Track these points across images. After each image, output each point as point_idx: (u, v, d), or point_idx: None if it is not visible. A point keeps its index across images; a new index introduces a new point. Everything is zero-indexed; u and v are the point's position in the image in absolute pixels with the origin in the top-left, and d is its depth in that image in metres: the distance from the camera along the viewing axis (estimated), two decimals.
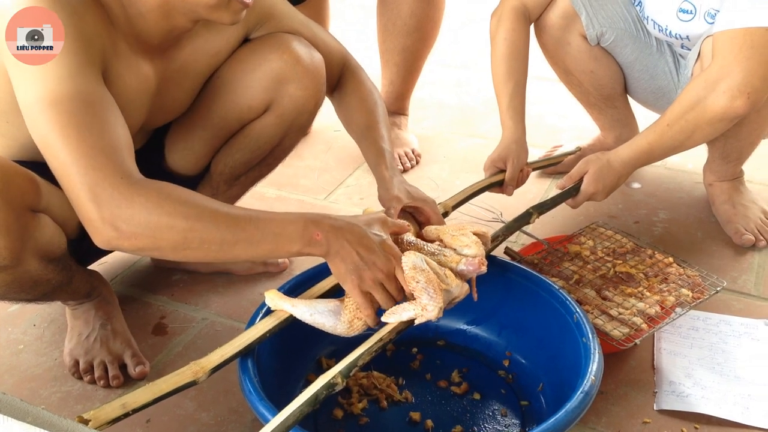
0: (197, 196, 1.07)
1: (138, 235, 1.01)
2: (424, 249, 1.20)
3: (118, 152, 1.03)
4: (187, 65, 1.31)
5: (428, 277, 1.11)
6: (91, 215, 1.01)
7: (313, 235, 1.08)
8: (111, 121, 1.05)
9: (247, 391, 1.09)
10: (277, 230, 1.06)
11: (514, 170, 1.64)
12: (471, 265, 1.16)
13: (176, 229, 1.02)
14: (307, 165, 2.14)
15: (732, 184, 1.81)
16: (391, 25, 2.03)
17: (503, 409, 1.28)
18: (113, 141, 1.03)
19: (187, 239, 1.03)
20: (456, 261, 1.17)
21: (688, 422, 1.27)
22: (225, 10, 1.14)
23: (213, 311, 1.55)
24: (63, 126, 1.01)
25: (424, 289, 1.10)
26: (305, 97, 1.40)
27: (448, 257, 1.18)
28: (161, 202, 1.01)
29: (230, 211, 1.06)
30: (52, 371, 1.40)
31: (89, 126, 1.02)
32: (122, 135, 1.07)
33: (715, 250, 1.73)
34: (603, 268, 1.49)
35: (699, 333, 1.45)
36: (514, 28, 1.72)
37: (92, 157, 1.00)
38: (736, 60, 1.42)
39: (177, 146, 1.48)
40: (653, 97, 1.87)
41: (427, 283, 1.10)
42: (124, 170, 1.02)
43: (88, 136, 1.01)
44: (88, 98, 1.03)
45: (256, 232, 1.05)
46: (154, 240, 1.02)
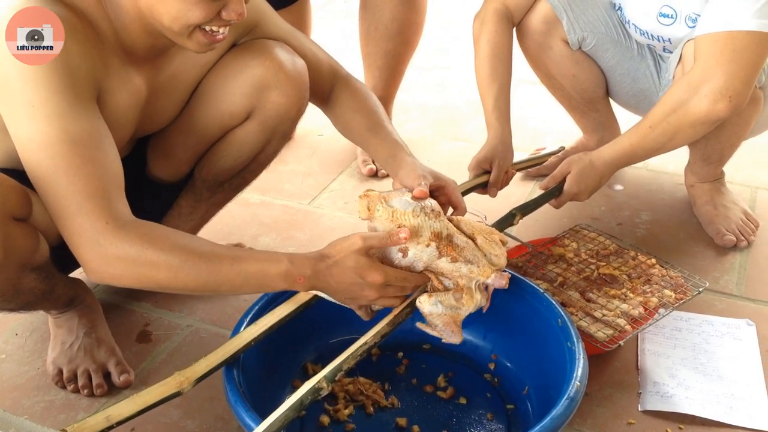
0: (180, 239, 1.11)
1: (125, 278, 1.08)
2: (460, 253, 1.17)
3: (106, 195, 1.07)
4: (177, 76, 1.31)
5: (444, 320, 1.16)
6: (81, 258, 1.08)
7: (296, 279, 1.11)
8: (100, 159, 1.08)
9: (233, 401, 1.09)
10: (260, 275, 1.10)
11: (499, 171, 1.65)
12: (499, 282, 1.17)
13: (160, 276, 1.07)
14: (291, 170, 2.14)
15: (713, 186, 1.83)
16: (373, 29, 2.04)
17: (489, 414, 1.28)
18: (101, 183, 1.07)
19: (171, 285, 1.09)
20: (487, 274, 1.17)
21: (673, 422, 1.28)
22: (188, 40, 1.15)
23: (198, 318, 1.55)
24: (52, 171, 1.05)
25: (444, 329, 1.17)
26: (287, 104, 1.39)
27: (481, 269, 1.17)
28: (146, 252, 1.06)
29: (213, 257, 1.09)
30: (35, 381, 1.39)
31: (77, 170, 1.05)
32: (111, 171, 1.10)
33: (697, 251, 1.74)
34: (587, 270, 1.50)
35: (682, 333, 1.46)
36: (497, 30, 1.73)
37: (79, 204, 1.05)
38: (718, 63, 1.43)
39: (159, 153, 1.47)
40: (635, 100, 1.88)
41: (444, 326, 1.16)
42: (110, 215, 1.06)
43: (76, 181, 1.05)
44: (77, 138, 1.06)
45: (238, 278, 1.10)
46: (140, 283, 1.09)
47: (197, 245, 1.11)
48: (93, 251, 1.06)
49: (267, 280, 1.11)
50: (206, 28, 1.14)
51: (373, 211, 1.18)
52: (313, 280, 1.11)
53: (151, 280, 1.08)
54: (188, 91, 1.37)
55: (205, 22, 1.12)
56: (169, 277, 1.07)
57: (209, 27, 1.14)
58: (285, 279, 1.10)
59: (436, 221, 1.17)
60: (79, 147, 1.06)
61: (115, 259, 1.06)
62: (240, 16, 1.13)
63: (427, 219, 1.16)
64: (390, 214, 1.17)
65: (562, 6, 1.74)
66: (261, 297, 1.30)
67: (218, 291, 1.12)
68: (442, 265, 1.16)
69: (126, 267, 1.06)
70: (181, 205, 1.55)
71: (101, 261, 1.06)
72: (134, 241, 1.06)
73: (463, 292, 1.16)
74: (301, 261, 1.11)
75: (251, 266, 1.10)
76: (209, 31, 1.15)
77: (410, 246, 1.14)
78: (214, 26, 1.14)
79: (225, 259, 1.09)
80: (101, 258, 1.06)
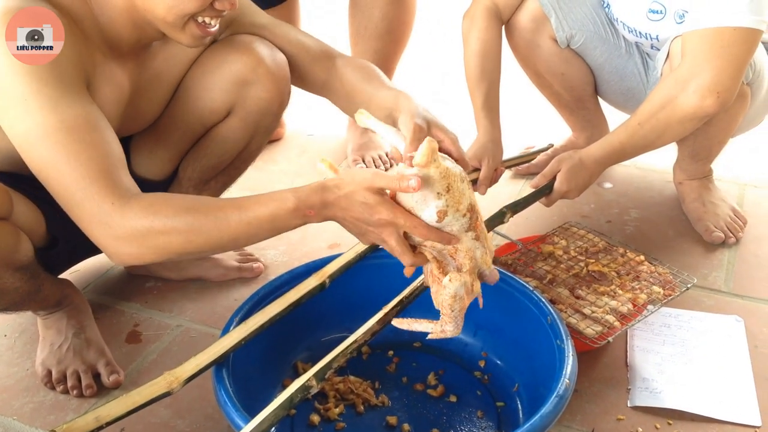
0: (183, 201, 1.08)
1: (144, 255, 1.07)
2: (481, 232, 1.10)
3: (109, 176, 1.06)
4: (161, 74, 1.30)
5: (462, 306, 1.09)
6: (98, 243, 1.08)
7: (306, 212, 1.07)
8: (98, 141, 1.07)
9: (222, 401, 1.09)
10: (271, 218, 1.07)
11: (489, 169, 1.65)
12: (493, 276, 1.14)
13: (174, 243, 1.06)
14: (281, 169, 2.14)
15: (702, 183, 1.83)
16: (362, 28, 2.03)
17: (479, 411, 1.28)
18: (102, 164, 1.06)
19: (188, 249, 1.08)
20: (489, 264, 1.12)
21: (662, 418, 1.28)
22: (181, 32, 1.14)
23: (187, 318, 1.54)
24: (54, 161, 1.05)
25: (455, 318, 1.10)
26: (268, 99, 1.38)
27: (485, 258, 1.11)
28: (152, 223, 1.05)
29: (219, 213, 1.06)
30: (24, 382, 1.39)
31: (77, 155, 1.05)
32: (111, 151, 1.09)
33: (685, 247, 1.75)
34: (576, 267, 1.50)
35: (671, 330, 1.47)
36: (486, 27, 1.73)
37: (84, 189, 1.05)
38: (706, 59, 1.44)
39: (142, 151, 1.46)
40: (623, 98, 1.89)
41: (459, 312, 1.10)
42: (115, 194, 1.05)
43: (78, 166, 1.04)
44: (74, 124, 1.05)
45: (250, 228, 1.07)
46: (158, 254, 1.08)
47: (201, 204, 1.08)
48: (106, 235, 1.05)
49: (279, 222, 1.08)
50: (199, 19, 1.14)
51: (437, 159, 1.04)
52: (324, 211, 1.07)
53: (167, 249, 1.07)
54: (171, 89, 1.36)
55: (200, 11, 1.12)
56: (183, 241, 1.06)
57: (202, 18, 1.14)
58: (296, 215, 1.07)
59: (473, 193, 1.10)
60: (75, 133, 1.05)
61: (126, 238, 1.05)
62: (233, 6, 1.13)
63: (467, 188, 1.08)
64: (445, 171, 1.04)
65: (551, 4, 1.74)
66: (250, 296, 1.30)
67: (236, 244, 1.10)
68: (466, 241, 1.08)
69: (140, 243, 1.05)
70: None
71: (116, 243, 1.06)
72: (139, 215, 1.04)
73: (474, 279, 1.10)
74: (307, 193, 1.07)
75: (260, 212, 1.06)
76: (202, 22, 1.14)
77: (450, 211, 1.04)
78: (207, 17, 1.14)
79: (230, 211, 1.06)
80: (115, 240, 1.05)
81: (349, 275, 1.32)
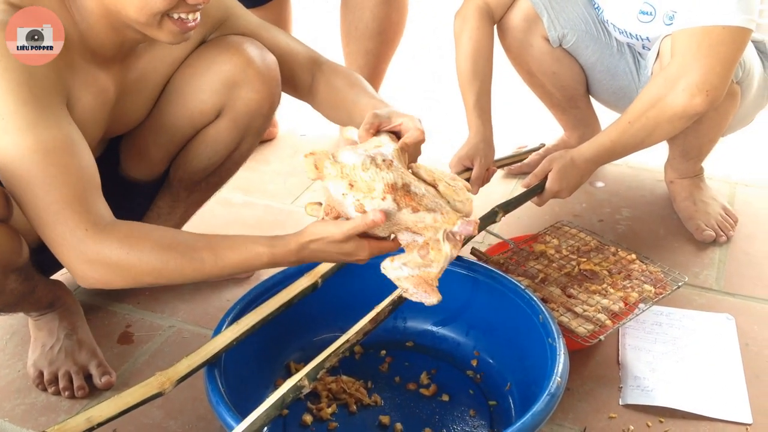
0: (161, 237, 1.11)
1: (113, 282, 1.10)
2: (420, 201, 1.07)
3: (83, 201, 1.07)
4: (147, 74, 1.30)
5: (415, 282, 1.08)
6: (68, 266, 1.09)
7: (280, 264, 1.13)
8: (74, 166, 1.07)
9: (214, 402, 1.09)
10: (243, 266, 1.12)
11: (480, 169, 1.65)
12: (466, 229, 1.07)
13: (145, 275, 1.09)
14: (274, 170, 2.14)
15: (692, 181, 1.84)
16: (353, 28, 2.03)
17: (472, 410, 1.28)
18: (77, 190, 1.07)
19: (158, 283, 1.12)
20: (453, 222, 1.06)
21: (653, 416, 1.29)
22: (158, 30, 1.13)
23: (180, 319, 1.54)
24: (27, 182, 1.05)
25: (417, 291, 1.09)
26: (258, 100, 1.37)
27: (446, 217, 1.07)
28: (128, 255, 1.07)
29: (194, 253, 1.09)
30: (16, 383, 1.38)
31: (52, 179, 1.05)
32: (87, 176, 1.09)
33: (677, 246, 1.76)
34: (568, 266, 1.51)
35: (662, 328, 1.48)
36: (478, 27, 1.73)
37: (58, 213, 1.05)
38: (694, 58, 1.45)
39: (132, 153, 1.46)
40: (615, 98, 1.89)
41: (417, 287, 1.08)
42: (89, 220, 1.07)
43: (52, 190, 1.05)
44: (51, 146, 1.05)
45: (222, 271, 1.11)
46: (128, 284, 1.11)
47: (178, 242, 1.10)
48: (77, 259, 1.07)
49: (250, 269, 1.14)
50: (174, 15, 1.12)
51: (322, 169, 1.08)
52: (298, 263, 1.14)
53: (137, 281, 1.10)
54: (157, 89, 1.36)
55: (171, 8, 1.10)
56: (155, 276, 1.09)
57: (178, 14, 1.12)
58: (268, 264, 1.13)
59: (388, 172, 1.06)
60: (52, 156, 1.05)
61: (99, 264, 1.07)
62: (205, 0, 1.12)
63: (378, 171, 1.06)
64: (339, 170, 1.06)
65: (543, 3, 1.74)
66: (242, 296, 1.30)
67: (206, 280, 1.17)
68: (404, 218, 1.06)
69: (111, 271, 1.08)
70: (159, 205, 1.54)
71: (87, 267, 1.07)
72: (114, 246, 1.06)
73: (429, 246, 1.07)
74: (283, 253, 1.11)
75: (234, 259, 1.10)
76: (178, 18, 1.13)
77: (365, 202, 1.04)
78: (182, 13, 1.12)
79: (205, 253, 1.09)
80: (86, 264, 1.07)
81: (342, 275, 1.33)
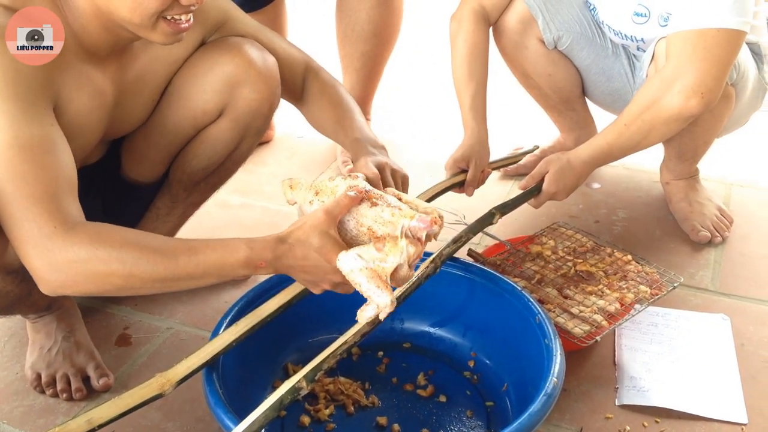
0: (132, 236, 1.06)
1: (78, 284, 1.03)
2: (380, 198, 1.11)
3: (55, 199, 1.03)
4: (145, 75, 1.30)
5: (368, 275, 1.05)
6: (31, 266, 1.03)
7: (258, 264, 1.06)
8: (49, 163, 1.04)
9: (213, 403, 1.09)
10: (219, 264, 1.05)
11: (476, 171, 1.66)
12: (423, 221, 1.07)
13: (115, 275, 1.03)
14: (271, 172, 2.14)
15: (688, 183, 1.85)
16: (349, 31, 2.04)
17: (469, 411, 1.29)
18: (49, 187, 1.03)
19: (128, 284, 1.04)
20: (410, 216, 1.07)
21: (649, 416, 1.29)
22: (152, 31, 1.13)
23: (177, 320, 1.55)
24: (1, 177, 1.01)
25: (370, 287, 1.05)
26: (259, 100, 1.39)
27: (403, 211, 1.08)
28: (96, 251, 1.02)
29: (167, 250, 1.04)
30: (14, 385, 1.39)
31: (26, 175, 1.02)
32: (62, 175, 1.06)
33: (672, 247, 1.76)
34: (564, 267, 1.52)
35: (658, 329, 1.48)
36: (474, 30, 1.74)
37: (27, 209, 1.01)
38: (689, 61, 1.46)
39: (133, 154, 1.47)
40: (610, 99, 1.90)
41: (369, 281, 1.05)
42: (58, 218, 1.02)
43: (24, 186, 1.02)
44: (28, 143, 1.03)
45: (197, 270, 1.05)
46: (95, 286, 1.04)
47: (150, 240, 1.07)
48: (42, 258, 1.01)
49: (227, 270, 1.06)
50: (168, 16, 1.12)
51: (296, 187, 1.16)
52: (275, 263, 1.07)
53: (106, 280, 1.03)
54: (157, 90, 1.36)
55: (164, 9, 1.10)
56: (125, 274, 1.02)
57: (171, 15, 1.12)
58: (245, 266, 1.06)
59: (354, 180, 1.12)
60: (27, 152, 1.03)
61: (65, 263, 1.01)
62: (199, 0, 1.12)
63: (344, 179, 1.12)
64: (309, 185, 1.13)
65: (538, 5, 1.75)
66: (240, 298, 1.30)
67: (177, 285, 1.07)
68: (364, 211, 1.08)
69: (77, 270, 1.02)
70: (158, 206, 1.55)
71: (51, 268, 1.01)
72: (83, 242, 1.01)
73: (386, 240, 1.06)
74: (261, 246, 1.06)
75: (209, 256, 1.04)
76: (172, 19, 1.13)
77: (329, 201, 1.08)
78: (175, 14, 1.12)
79: (181, 251, 1.04)
80: (51, 265, 1.01)
81: None
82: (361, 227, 1.09)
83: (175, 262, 1.04)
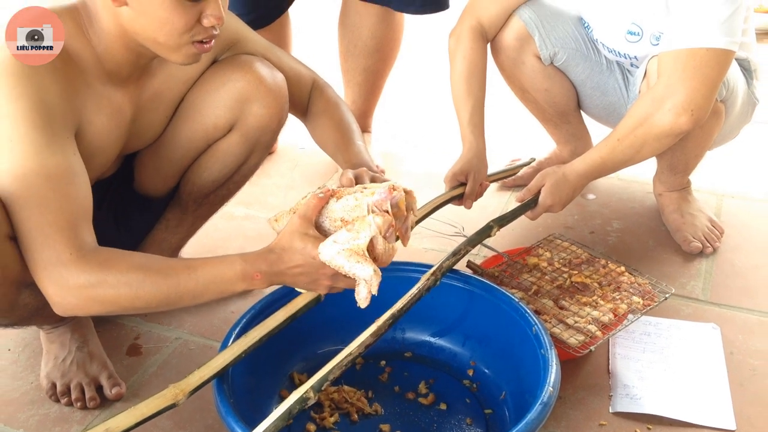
0: (137, 259, 1.14)
1: (89, 307, 1.12)
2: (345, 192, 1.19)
3: (74, 227, 1.11)
4: (161, 93, 1.36)
5: (346, 255, 1.11)
6: (45, 290, 1.11)
7: (253, 277, 1.14)
8: (72, 194, 1.12)
9: (224, 413, 1.13)
10: (217, 280, 1.13)
11: (474, 184, 1.71)
12: (382, 193, 1.15)
13: (122, 298, 1.11)
14: (274, 183, 2.19)
15: (680, 194, 1.90)
16: (352, 46, 2.09)
17: (468, 418, 1.33)
18: (71, 216, 1.11)
19: (135, 305, 1.13)
20: (371, 194, 1.16)
21: (642, 423, 1.34)
22: (175, 52, 1.19)
23: (186, 330, 1.59)
24: (25, 202, 1.09)
25: (351, 266, 1.11)
26: (268, 116, 1.44)
27: (365, 192, 1.17)
28: (106, 277, 1.10)
29: (169, 270, 1.13)
30: (29, 395, 1.43)
31: (48, 202, 1.09)
32: (82, 206, 1.13)
33: (665, 257, 1.81)
34: (560, 278, 1.56)
35: (651, 338, 1.53)
36: (472, 47, 1.79)
37: (48, 236, 1.09)
38: (680, 79, 1.51)
39: (146, 168, 1.51)
40: (605, 112, 1.95)
41: (348, 260, 1.10)
42: (74, 246, 1.10)
43: (47, 213, 1.09)
44: (53, 172, 1.10)
45: (197, 287, 1.13)
46: (105, 308, 1.13)
47: (153, 262, 1.15)
48: (56, 283, 1.09)
49: (225, 284, 1.14)
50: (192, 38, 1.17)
51: (280, 218, 1.24)
52: (271, 275, 1.15)
53: (114, 302, 1.11)
54: (172, 107, 1.42)
55: (189, 30, 1.16)
56: (131, 296, 1.11)
57: (194, 38, 1.17)
58: (242, 279, 1.14)
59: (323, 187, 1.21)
60: (53, 181, 1.09)
61: (77, 288, 1.09)
62: (219, 20, 1.16)
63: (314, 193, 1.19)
64: (288, 210, 1.22)
65: (534, 23, 1.80)
66: (248, 310, 1.35)
67: (181, 302, 1.14)
68: (333, 207, 1.16)
69: (88, 295, 1.10)
70: (168, 218, 1.60)
71: (64, 293, 1.09)
72: (94, 269, 1.09)
73: (355, 221, 1.14)
74: (254, 258, 1.14)
75: (207, 272, 1.13)
76: (196, 41, 1.18)
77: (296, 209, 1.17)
78: (198, 37, 1.18)
79: (180, 269, 1.13)
80: (63, 290, 1.09)
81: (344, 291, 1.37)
82: (335, 222, 1.17)
83: (177, 281, 1.12)
